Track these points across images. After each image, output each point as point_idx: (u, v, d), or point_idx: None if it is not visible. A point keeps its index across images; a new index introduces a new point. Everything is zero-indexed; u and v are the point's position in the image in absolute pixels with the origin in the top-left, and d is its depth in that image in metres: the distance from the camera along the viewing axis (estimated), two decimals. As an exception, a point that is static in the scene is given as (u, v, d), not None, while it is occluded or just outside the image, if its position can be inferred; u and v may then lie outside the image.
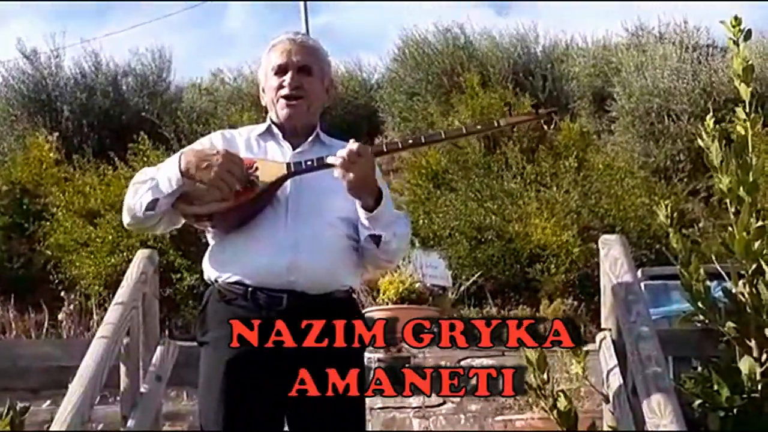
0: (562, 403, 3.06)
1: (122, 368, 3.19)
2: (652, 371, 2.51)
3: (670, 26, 13.15)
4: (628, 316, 2.80)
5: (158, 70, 14.17)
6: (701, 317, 3.10)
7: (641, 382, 2.52)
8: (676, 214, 3.32)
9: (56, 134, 12.13)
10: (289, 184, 2.54)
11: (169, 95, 14.19)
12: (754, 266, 3.01)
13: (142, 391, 3.21)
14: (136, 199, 2.52)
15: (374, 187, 2.48)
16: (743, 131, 3.20)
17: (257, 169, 2.52)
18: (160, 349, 3.36)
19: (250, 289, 2.48)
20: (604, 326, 3.16)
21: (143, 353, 3.29)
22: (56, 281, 9.90)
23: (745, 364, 2.95)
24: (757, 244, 3.00)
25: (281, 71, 2.61)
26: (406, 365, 7.20)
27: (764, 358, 2.97)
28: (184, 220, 2.61)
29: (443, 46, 13.58)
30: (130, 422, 3.08)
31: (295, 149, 2.62)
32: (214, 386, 2.46)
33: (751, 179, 3.07)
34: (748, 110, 3.21)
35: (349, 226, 2.57)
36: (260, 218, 2.51)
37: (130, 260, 3.36)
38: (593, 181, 10.31)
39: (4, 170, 11.76)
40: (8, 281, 9.93)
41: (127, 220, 2.61)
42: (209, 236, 2.64)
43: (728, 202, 3.17)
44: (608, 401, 3.01)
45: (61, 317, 7.91)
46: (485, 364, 7.09)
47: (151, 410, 3.22)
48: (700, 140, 3.24)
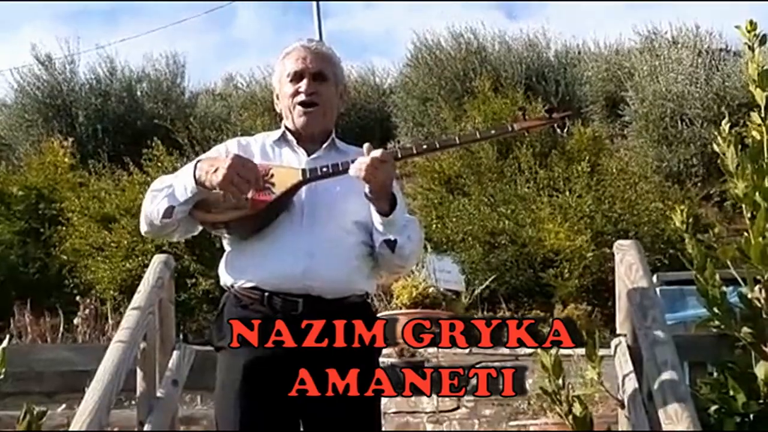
0: (577, 408, 3.05)
1: (139, 373, 3.20)
2: (668, 376, 2.51)
3: (682, 30, 13.12)
4: (643, 321, 2.79)
5: (172, 75, 14.25)
6: (717, 322, 3.09)
7: (657, 387, 2.52)
8: (691, 219, 3.31)
9: (71, 139, 12.21)
10: (304, 189, 2.55)
11: (183, 101, 14.27)
12: (770, 271, 3.00)
13: (158, 395, 3.22)
14: (153, 206, 2.54)
15: (390, 191, 2.49)
16: (759, 136, 3.19)
17: (273, 176, 2.53)
18: (176, 353, 3.38)
19: (266, 294, 2.49)
20: (619, 331, 3.15)
21: (160, 358, 3.30)
22: (71, 286, 9.95)
23: (761, 369, 2.94)
24: (773, 249, 2.99)
25: (296, 78, 2.63)
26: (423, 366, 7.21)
27: (780, 363, 2.96)
28: (201, 227, 2.62)
29: (456, 51, 13.60)
30: (146, 426, 3.09)
31: (310, 155, 2.63)
32: (230, 391, 2.47)
33: (766, 184, 3.06)
34: (763, 115, 3.20)
35: (364, 231, 2.58)
36: (276, 224, 2.52)
37: (145, 265, 3.38)
38: (606, 185, 10.29)
39: (19, 175, 11.84)
40: (24, 286, 9.99)
41: (144, 228, 2.63)
42: (225, 242, 2.66)
43: (744, 207, 3.16)
44: (623, 407, 3.00)
45: (76, 322, 7.94)
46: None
47: (167, 414, 3.24)
48: (715, 145, 3.23)
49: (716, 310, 3.07)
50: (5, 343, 3.20)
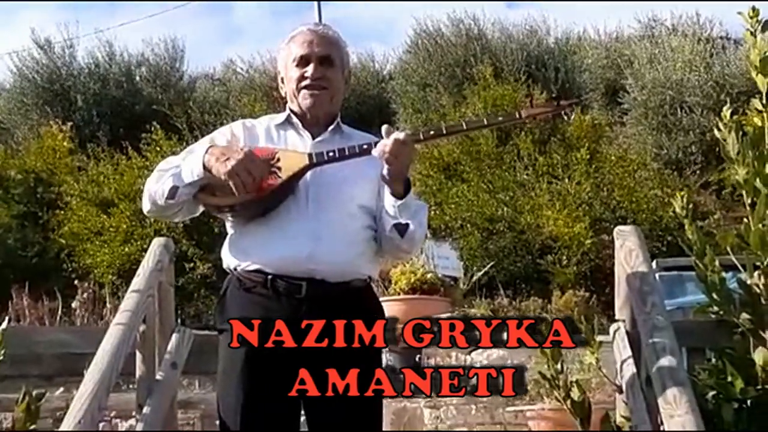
0: (575, 393, 3.06)
1: (138, 356, 3.20)
2: (666, 361, 2.51)
3: (682, 18, 13.13)
4: (642, 306, 2.79)
5: (171, 60, 14.22)
6: (716, 308, 3.09)
7: (656, 372, 2.52)
8: (690, 205, 3.31)
9: (69, 124, 12.19)
10: (309, 173, 2.55)
11: (181, 85, 14.25)
12: (769, 258, 3.00)
13: (157, 378, 3.22)
14: (158, 186, 2.53)
15: (407, 174, 2.50)
16: (759, 122, 3.18)
17: (279, 159, 2.52)
18: (175, 336, 3.37)
19: (269, 277, 2.49)
20: (618, 317, 3.15)
21: (159, 341, 3.29)
22: (70, 270, 9.97)
23: (759, 355, 2.94)
24: (772, 235, 2.99)
25: (303, 62, 2.61)
26: (417, 356, 7.22)
27: (779, 349, 2.96)
28: (203, 208, 2.62)
29: (456, 37, 13.56)
30: (145, 409, 3.09)
31: (315, 138, 2.62)
32: (233, 373, 2.47)
33: (767, 171, 3.06)
34: (764, 101, 3.20)
35: (368, 215, 2.58)
36: (281, 208, 2.52)
37: (143, 249, 3.38)
38: (605, 172, 10.30)
39: (18, 159, 11.83)
40: (22, 269, 10.00)
41: (147, 207, 2.62)
42: (228, 225, 2.65)
43: (744, 193, 3.15)
44: (621, 392, 3.01)
45: (74, 305, 7.94)
46: (495, 356, 7.10)
47: (166, 397, 3.24)
48: (716, 131, 3.22)
49: (715, 296, 3.07)
50: (4, 325, 3.20)
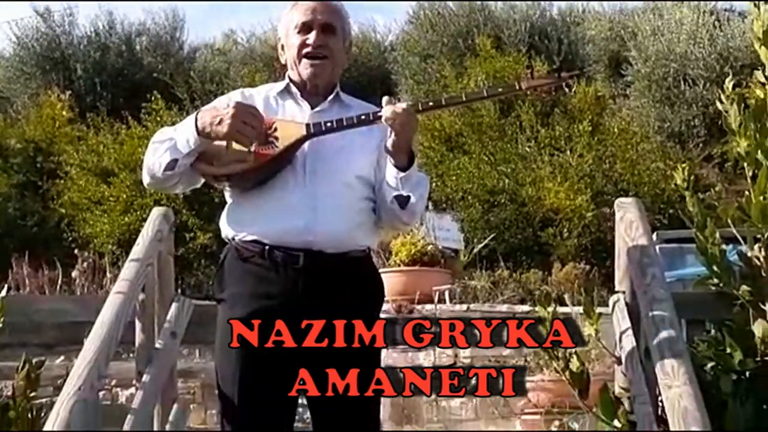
0: (574, 364, 3.06)
1: (137, 324, 3.19)
2: (665, 333, 2.51)
3: (687, -10, 13.01)
4: (642, 278, 2.78)
5: (171, 29, 14.16)
6: (716, 281, 3.08)
7: (655, 343, 2.52)
8: (692, 178, 3.29)
9: (69, 93, 12.15)
10: (307, 143, 2.53)
11: (182, 55, 14.19)
12: (770, 230, 3.00)
13: (157, 346, 3.22)
14: (155, 158, 2.51)
15: (411, 145, 2.49)
16: (762, 95, 3.16)
17: (276, 129, 2.50)
18: (174, 306, 3.37)
19: (267, 247, 2.48)
20: (618, 288, 3.14)
21: (158, 310, 3.29)
22: (70, 239, 9.98)
23: (758, 327, 2.93)
24: (773, 208, 2.98)
25: (305, 29, 2.58)
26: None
27: (778, 322, 2.97)
28: (203, 179, 2.60)
29: (458, 7, 13.48)
30: (145, 377, 3.09)
31: (313, 108, 2.60)
32: (229, 342, 2.47)
33: (769, 143, 3.04)
34: (767, 73, 3.17)
35: (366, 186, 2.56)
36: (278, 178, 2.50)
37: (143, 219, 3.36)
38: (608, 145, 10.28)
39: (17, 128, 11.80)
40: (22, 239, 10.02)
41: (146, 180, 2.60)
42: (227, 194, 2.64)
43: (745, 166, 3.13)
44: (620, 363, 3.01)
45: (74, 275, 7.97)
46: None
47: (166, 365, 3.24)
48: (718, 103, 3.20)
49: (715, 268, 3.06)
50: (3, 293, 3.20)
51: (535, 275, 8.52)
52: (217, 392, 2.55)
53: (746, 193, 3.10)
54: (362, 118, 2.51)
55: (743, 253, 3.06)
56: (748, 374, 2.85)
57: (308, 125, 2.51)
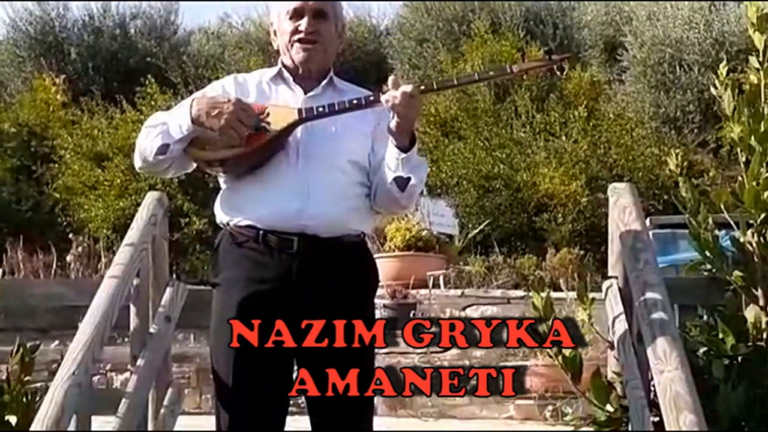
0: (567, 349, 3.08)
1: (132, 309, 3.19)
2: (658, 318, 2.52)
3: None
4: (635, 263, 2.79)
5: (166, 13, 14.09)
6: (708, 266, 3.10)
7: (647, 328, 2.53)
8: (686, 163, 3.30)
9: (63, 77, 12.10)
10: (300, 128, 2.53)
11: (176, 39, 14.12)
12: (762, 215, 2.99)
13: (151, 331, 3.22)
14: (147, 142, 2.52)
15: (413, 127, 2.49)
16: (756, 80, 3.16)
17: (269, 114, 2.50)
18: (169, 290, 3.36)
19: (261, 232, 2.49)
20: (611, 274, 3.15)
21: (153, 294, 3.29)
22: (64, 224, 9.96)
23: (751, 312, 2.95)
24: (766, 193, 2.98)
25: (296, 15, 2.57)
26: (411, 312, 7.27)
27: (770, 307, 2.98)
28: (195, 164, 2.61)
29: (454, -9, 13.43)
30: (139, 361, 3.09)
31: (307, 93, 2.60)
32: (225, 327, 2.48)
33: (762, 129, 3.04)
34: (761, 59, 3.17)
35: (360, 171, 2.56)
36: (272, 163, 2.51)
37: (138, 204, 3.35)
38: (603, 131, 10.28)
39: (11, 112, 11.76)
40: (16, 223, 10.00)
41: (138, 163, 2.61)
42: (221, 180, 2.64)
43: (739, 151, 3.14)
44: (613, 348, 3.02)
45: (69, 259, 7.97)
46: (489, 313, 7.15)
47: (160, 350, 3.24)
48: (713, 89, 3.21)
49: (708, 253, 3.08)
50: (-2, 276, 3.20)
51: (529, 260, 8.54)
52: (211, 376, 2.56)
53: (739, 178, 3.11)
54: (354, 102, 2.50)
55: (736, 238, 3.07)
56: (739, 359, 2.87)
57: (300, 110, 2.51)
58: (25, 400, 2.97)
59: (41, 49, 13.05)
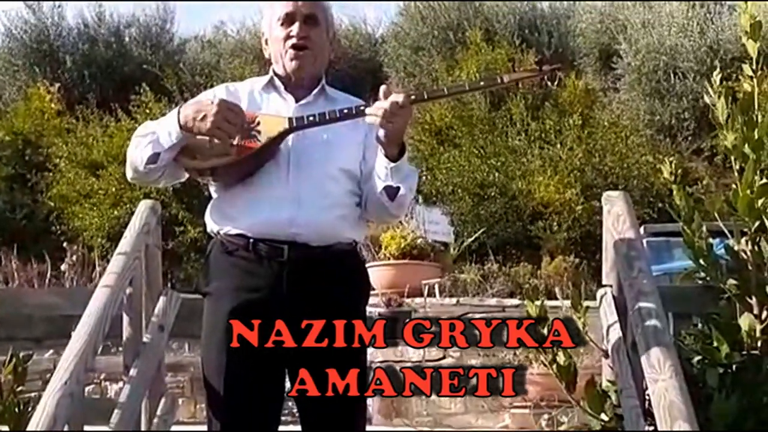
0: (561, 358, 3.07)
1: (125, 318, 3.19)
2: (652, 326, 2.52)
3: (677, -17, 13.00)
4: (629, 271, 2.79)
5: (161, 21, 14.07)
6: (703, 274, 3.10)
7: (641, 337, 2.53)
8: (680, 171, 3.30)
9: (58, 85, 12.08)
10: (291, 137, 2.53)
11: (172, 47, 14.11)
12: (756, 224, 3.00)
13: (144, 340, 3.21)
14: (137, 152, 2.51)
15: (402, 137, 2.48)
16: (749, 88, 3.17)
17: (259, 123, 2.50)
18: (162, 299, 3.36)
19: (251, 240, 2.48)
20: (605, 282, 3.15)
21: (146, 304, 3.29)
22: (59, 232, 9.93)
23: (745, 320, 2.96)
24: (760, 201, 2.99)
25: (287, 21, 2.58)
26: (407, 320, 7.25)
27: (764, 315, 2.97)
28: (187, 173, 2.60)
29: (449, 0, 13.45)
30: (132, 371, 3.09)
31: (298, 101, 2.60)
32: (216, 335, 2.48)
33: (756, 137, 3.05)
34: (754, 67, 3.18)
35: (351, 179, 2.56)
36: (262, 172, 2.50)
37: (133, 212, 3.35)
38: (597, 138, 10.28)
39: (5, 121, 11.73)
40: (11, 232, 9.97)
41: (129, 174, 2.60)
42: (212, 189, 2.64)
43: (733, 159, 3.15)
44: (607, 356, 3.02)
45: (63, 268, 7.94)
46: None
47: (153, 359, 3.24)
48: (706, 97, 3.22)
49: (702, 261, 3.08)
50: (-9, 286, 3.19)
51: (524, 269, 8.53)
52: (203, 384, 2.55)
53: (734, 186, 3.11)
54: (345, 112, 2.50)
55: (730, 246, 3.08)
56: (734, 367, 2.87)
57: (290, 119, 2.51)
58: (18, 410, 2.95)
59: (36, 57, 13.03)
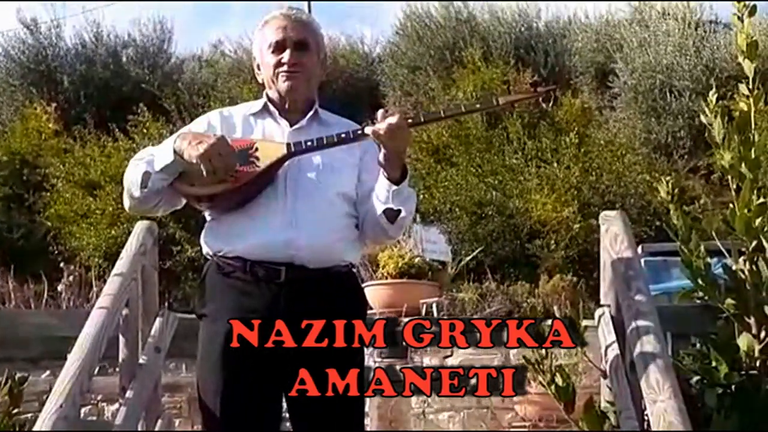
0: (560, 378, 3.06)
1: (121, 339, 3.17)
2: (650, 347, 2.51)
3: (672, 2, 13.08)
4: (627, 291, 2.79)
5: (159, 41, 14.13)
6: (701, 294, 3.09)
7: (639, 357, 2.52)
8: (676, 190, 3.30)
9: (55, 105, 12.11)
10: (287, 161, 2.52)
11: (169, 67, 14.16)
12: (754, 243, 3.00)
13: (141, 362, 3.20)
14: (132, 174, 2.51)
15: (404, 159, 2.49)
16: (746, 107, 3.18)
17: (257, 149, 2.50)
18: (159, 320, 3.35)
19: (249, 263, 2.47)
20: (603, 302, 3.15)
21: (142, 325, 3.27)
22: (56, 252, 9.92)
23: (743, 340, 2.95)
24: (758, 221, 2.99)
25: (278, 49, 2.58)
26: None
27: (763, 335, 2.97)
28: (184, 200, 2.60)
29: (445, 19, 13.52)
30: (128, 393, 3.07)
31: (292, 126, 2.60)
32: (212, 358, 2.46)
33: (753, 156, 3.05)
34: (751, 86, 3.19)
35: (347, 202, 2.56)
36: (260, 196, 2.50)
37: (130, 232, 3.35)
38: (594, 157, 10.30)
39: (3, 141, 11.75)
40: (8, 252, 9.95)
41: (126, 203, 2.59)
42: (206, 214, 2.64)
43: (730, 178, 3.15)
44: (606, 377, 3.01)
45: (60, 288, 7.90)
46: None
47: (149, 381, 3.22)
48: (702, 116, 3.22)
49: (700, 281, 3.08)
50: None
51: (522, 287, 8.51)
52: (198, 406, 2.54)
53: (731, 205, 3.11)
54: (343, 136, 2.50)
55: (728, 266, 3.07)
56: (733, 388, 2.86)
57: (289, 144, 2.51)
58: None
59: (33, 77, 13.07)
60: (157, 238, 3.39)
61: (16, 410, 3.05)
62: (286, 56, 2.57)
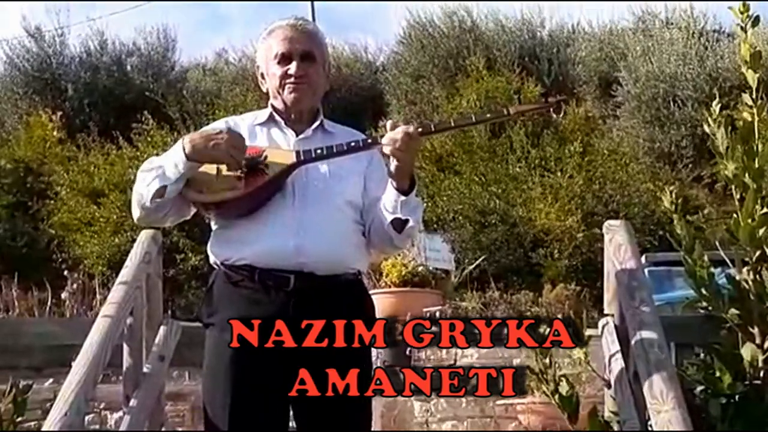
0: (563, 387, 3.06)
1: (125, 348, 3.18)
2: (654, 357, 2.51)
3: (676, 11, 13.11)
4: (631, 301, 2.78)
5: (163, 49, 14.17)
6: (704, 304, 3.09)
7: (643, 367, 2.52)
8: (680, 200, 3.30)
9: (59, 113, 12.13)
10: (296, 170, 2.53)
11: (173, 75, 14.20)
12: (758, 253, 3.00)
13: (144, 370, 3.20)
14: (143, 187, 2.49)
15: (413, 169, 2.50)
16: (749, 117, 3.18)
17: (266, 157, 2.51)
18: (163, 329, 3.35)
19: (257, 271, 2.47)
20: (606, 312, 3.14)
21: (146, 333, 3.27)
22: (60, 260, 9.93)
23: (747, 350, 2.94)
24: (761, 231, 2.99)
25: (284, 60, 2.58)
26: (408, 349, 7.23)
27: (767, 345, 2.97)
28: (194, 210, 2.59)
29: (449, 28, 13.54)
30: (132, 401, 3.08)
31: (298, 135, 2.61)
32: (219, 368, 2.45)
33: (756, 166, 3.05)
34: (754, 96, 3.19)
35: (355, 210, 2.57)
36: (268, 204, 2.50)
37: (134, 240, 3.35)
38: (598, 166, 10.30)
39: (7, 148, 11.78)
40: (12, 260, 9.96)
41: (136, 213, 2.56)
42: (212, 222, 2.64)
43: (733, 188, 3.15)
44: (610, 387, 3.00)
45: (64, 296, 7.90)
46: (485, 350, 7.10)
47: (153, 390, 3.22)
48: (706, 126, 3.22)
49: (704, 291, 3.07)
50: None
51: (525, 296, 8.50)
52: (203, 417, 2.53)
53: (734, 215, 3.11)
54: (353, 145, 2.51)
55: (732, 276, 3.07)
56: (736, 397, 2.85)
57: (298, 152, 2.52)
58: (17, 441, 2.94)
59: (38, 85, 13.11)
60: (161, 246, 3.39)
61: (20, 418, 3.05)
62: (292, 68, 2.57)
